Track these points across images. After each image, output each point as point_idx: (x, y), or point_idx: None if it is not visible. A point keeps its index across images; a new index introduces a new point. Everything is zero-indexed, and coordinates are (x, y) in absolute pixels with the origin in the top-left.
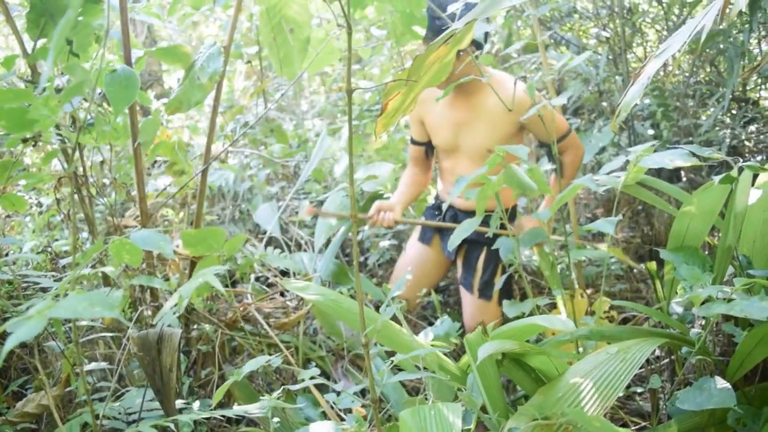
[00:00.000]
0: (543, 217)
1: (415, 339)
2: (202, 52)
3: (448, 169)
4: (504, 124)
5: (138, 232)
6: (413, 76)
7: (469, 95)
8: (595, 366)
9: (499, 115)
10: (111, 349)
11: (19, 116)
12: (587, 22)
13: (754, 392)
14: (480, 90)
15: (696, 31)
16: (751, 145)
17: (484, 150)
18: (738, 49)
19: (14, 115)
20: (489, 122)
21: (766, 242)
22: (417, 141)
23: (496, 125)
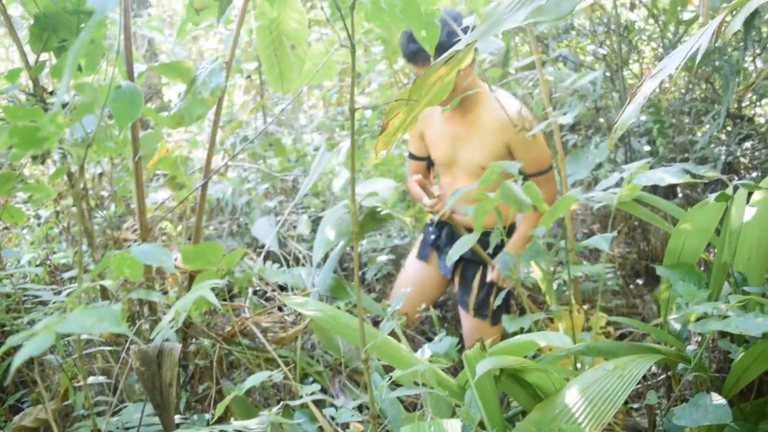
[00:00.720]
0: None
1: (413, 355)
2: (204, 67)
3: (447, 185)
4: (494, 144)
5: (139, 246)
6: (414, 96)
7: (466, 111)
8: (592, 382)
9: (491, 132)
10: (109, 363)
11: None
12: (584, 39)
13: (750, 408)
14: (476, 106)
15: (691, 52)
16: (746, 161)
17: (478, 166)
18: (733, 67)
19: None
20: (482, 139)
21: (761, 259)
22: (417, 156)
23: (487, 143)
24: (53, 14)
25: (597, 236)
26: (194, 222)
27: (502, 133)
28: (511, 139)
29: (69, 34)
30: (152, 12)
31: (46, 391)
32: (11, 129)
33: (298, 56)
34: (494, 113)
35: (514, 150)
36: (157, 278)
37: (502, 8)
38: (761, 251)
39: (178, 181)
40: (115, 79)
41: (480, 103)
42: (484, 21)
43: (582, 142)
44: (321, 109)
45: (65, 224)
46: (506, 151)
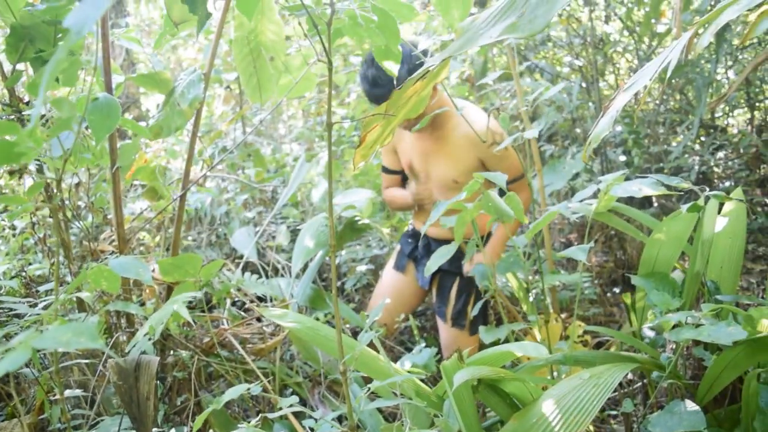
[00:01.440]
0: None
1: (392, 365)
2: (183, 78)
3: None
4: (466, 159)
5: (116, 258)
6: (391, 110)
7: (436, 127)
8: (568, 391)
9: (462, 148)
10: (86, 376)
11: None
12: (561, 51)
13: (724, 415)
14: (446, 122)
15: (663, 66)
16: (719, 171)
17: (451, 180)
18: (705, 79)
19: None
20: (453, 155)
21: (732, 268)
22: (391, 170)
23: (459, 158)
24: (30, 24)
25: (574, 247)
26: (172, 233)
27: (472, 149)
28: (483, 153)
29: (46, 44)
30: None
31: (21, 405)
32: None
33: (276, 68)
34: (463, 129)
35: (486, 162)
36: (135, 290)
37: (477, 24)
38: (733, 260)
39: (156, 191)
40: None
41: (449, 120)
42: (460, 36)
43: (559, 152)
44: (300, 119)
45: (41, 235)
46: (478, 164)
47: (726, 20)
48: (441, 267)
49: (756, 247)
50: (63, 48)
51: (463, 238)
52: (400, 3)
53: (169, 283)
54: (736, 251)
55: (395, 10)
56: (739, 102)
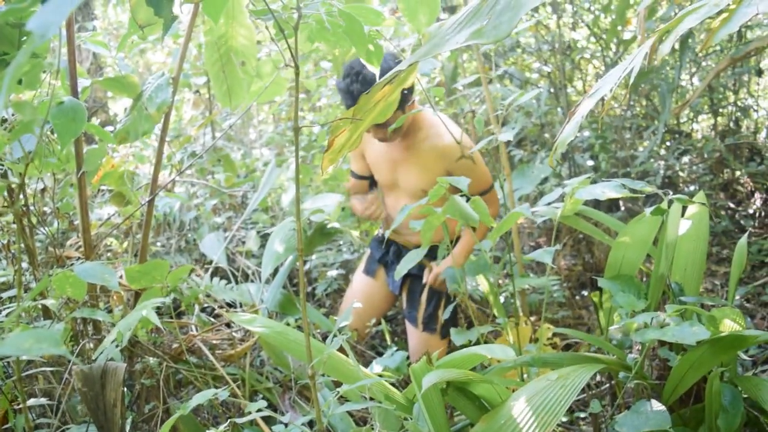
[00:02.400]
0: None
1: (361, 369)
2: (151, 83)
3: (391, 205)
4: (435, 169)
5: (82, 264)
6: (359, 114)
7: (404, 136)
8: (536, 392)
9: (431, 159)
10: (51, 384)
11: None
12: (530, 57)
13: (689, 414)
14: (415, 132)
15: (626, 72)
16: (684, 175)
17: (419, 189)
18: (670, 85)
19: None
20: (421, 165)
21: (696, 270)
22: (360, 175)
23: (427, 168)
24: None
25: (541, 250)
26: (140, 238)
27: (441, 161)
28: (451, 165)
29: (10, 47)
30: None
31: None
32: None
33: (247, 72)
34: (432, 141)
35: (454, 174)
36: (102, 296)
37: (444, 30)
38: (696, 262)
39: (123, 196)
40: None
41: (419, 129)
42: (427, 41)
43: (528, 157)
44: (271, 124)
45: (5, 241)
46: (447, 175)
47: (687, 27)
48: (411, 272)
49: (720, 250)
50: (25, 51)
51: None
52: (367, 8)
53: (137, 290)
54: (700, 253)
55: (362, 15)
56: (703, 108)
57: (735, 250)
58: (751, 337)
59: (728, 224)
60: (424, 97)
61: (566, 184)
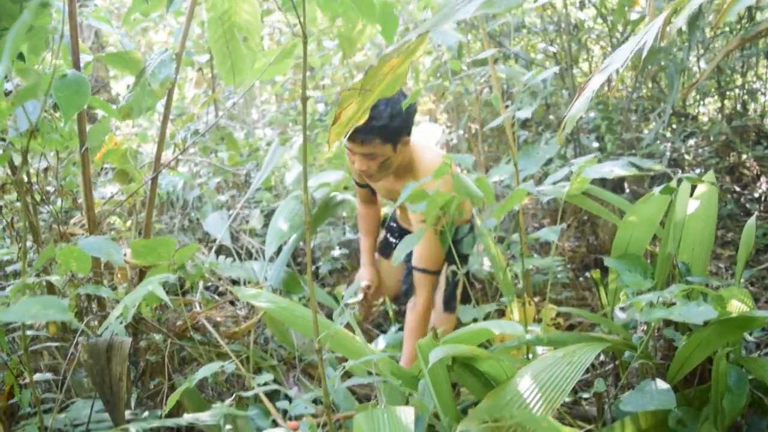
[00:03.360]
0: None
1: (367, 345)
2: (154, 59)
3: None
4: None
5: (86, 239)
6: (367, 86)
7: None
8: (542, 369)
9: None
10: (56, 359)
11: None
12: (535, 38)
13: (694, 394)
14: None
15: (638, 48)
16: (690, 158)
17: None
18: (678, 66)
19: None
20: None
21: (703, 250)
22: (361, 184)
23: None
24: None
25: (547, 228)
26: (144, 217)
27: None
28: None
29: (11, 21)
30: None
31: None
32: None
33: (251, 49)
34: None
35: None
36: (106, 274)
37: (454, 0)
38: (704, 242)
39: (127, 174)
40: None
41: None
42: (436, 12)
43: (533, 138)
44: (273, 104)
45: (9, 219)
46: None
47: (699, 3)
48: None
49: (725, 233)
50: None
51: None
52: None
53: (142, 267)
54: (708, 234)
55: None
56: (710, 90)
57: (743, 231)
58: (759, 318)
59: (734, 208)
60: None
61: (573, 163)
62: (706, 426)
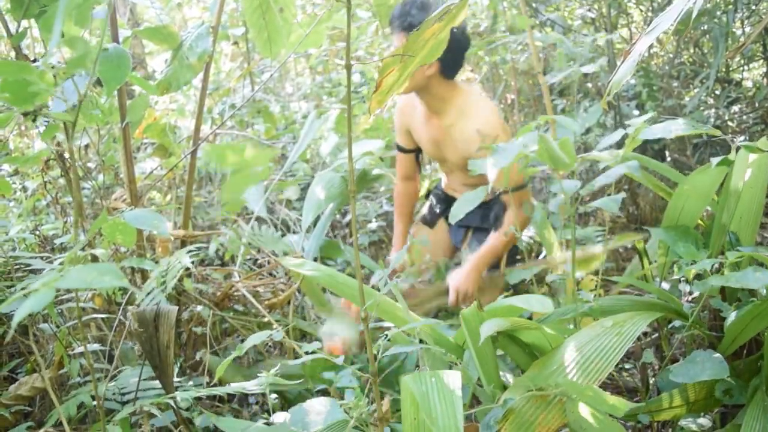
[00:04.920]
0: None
1: (411, 314)
2: (191, 32)
3: (446, 174)
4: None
5: (131, 211)
6: (409, 52)
7: (441, 116)
8: (589, 340)
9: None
10: (102, 331)
11: (22, 89)
12: (572, 3)
13: (743, 366)
14: (449, 111)
15: (686, 9)
16: (734, 125)
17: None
18: (722, 30)
19: (18, 88)
20: (461, 141)
21: (752, 219)
22: (405, 149)
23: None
24: None
25: (605, 198)
26: (184, 191)
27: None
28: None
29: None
30: None
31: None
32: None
33: (286, 19)
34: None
35: None
36: (148, 248)
37: None
38: (752, 212)
39: (166, 148)
40: (101, 42)
41: (454, 108)
42: None
43: (570, 107)
44: (308, 77)
45: (53, 195)
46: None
47: None
48: (472, 224)
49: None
50: None
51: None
52: None
53: (183, 238)
54: (757, 203)
55: None
56: (755, 55)
57: None
58: None
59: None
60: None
61: (629, 124)
62: (758, 396)
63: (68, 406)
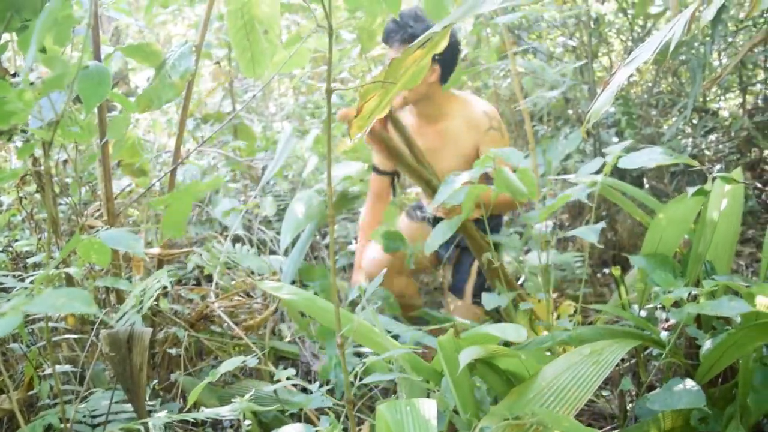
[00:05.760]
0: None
1: (389, 339)
2: (174, 51)
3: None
4: (466, 147)
5: (107, 231)
6: (389, 79)
7: (435, 121)
8: (567, 368)
9: (461, 137)
10: (74, 351)
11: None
12: (554, 31)
13: (718, 393)
14: (444, 116)
15: (665, 41)
16: (710, 153)
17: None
18: (700, 60)
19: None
20: (454, 147)
21: (727, 249)
22: (383, 171)
23: (459, 150)
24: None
25: (585, 227)
26: None
27: (471, 132)
28: (480, 140)
29: (32, 13)
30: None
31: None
32: None
33: (271, 41)
34: (462, 116)
35: (482, 147)
36: (124, 266)
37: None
38: (728, 241)
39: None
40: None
41: (449, 112)
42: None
43: (551, 133)
44: (291, 97)
45: (29, 211)
46: (474, 151)
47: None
48: (461, 244)
49: (745, 230)
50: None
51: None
52: None
53: (160, 257)
54: (732, 233)
55: None
56: (731, 85)
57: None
58: None
59: (755, 204)
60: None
61: (607, 153)
62: (733, 424)
63: (34, 427)
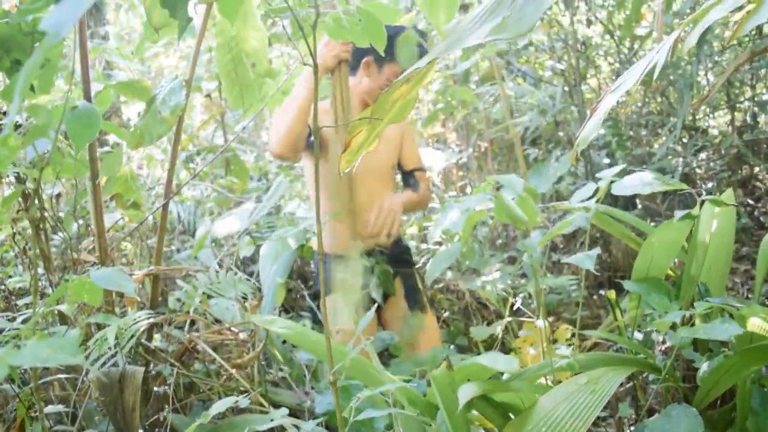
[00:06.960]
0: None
1: (384, 372)
2: (164, 86)
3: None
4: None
5: (98, 271)
6: (377, 114)
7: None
8: (564, 398)
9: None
10: (66, 390)
11: None
12: (543, 55)
13: (717, 416)
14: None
15: (649, 67)
16: (702, 172)
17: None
18: (687, 80)
19: None
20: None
21: (720, 269)
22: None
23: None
24: (6, 34)
25: (581, 254)
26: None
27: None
28: (405, 129)
29: (22, 54)
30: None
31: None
32: None
33: (259, 74)
34: None
35: (405, 139)
36: (117, 301)
37: (464, 25)
38: (721, 261)
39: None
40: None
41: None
42: (446, 38)
43: (543, 155)
44: None
45: (21, 247)
46: (400, 140)
47: (713, 20)
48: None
49: (739, 247)
50: (40, 50)
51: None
52: (384, 6)
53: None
54: (725, 253)
55: (379, 12)
56: (720, 104)
57: (759, 248)
58: None
59: (747, 221)
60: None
61: (600, 177)
62: None
63: None
